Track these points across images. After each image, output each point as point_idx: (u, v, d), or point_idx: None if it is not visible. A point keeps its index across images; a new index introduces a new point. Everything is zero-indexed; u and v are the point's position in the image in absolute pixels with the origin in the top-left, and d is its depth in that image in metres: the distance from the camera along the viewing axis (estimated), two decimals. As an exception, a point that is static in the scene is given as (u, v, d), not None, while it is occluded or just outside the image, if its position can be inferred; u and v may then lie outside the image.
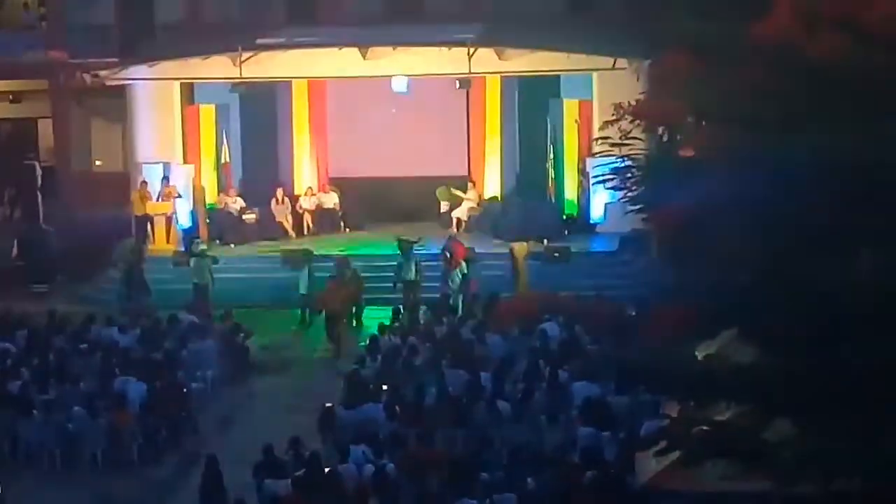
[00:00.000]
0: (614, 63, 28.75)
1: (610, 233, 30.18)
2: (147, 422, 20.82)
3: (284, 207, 32.63)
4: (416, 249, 27.97)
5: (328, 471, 17.26)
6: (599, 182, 14.45)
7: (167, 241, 31.49)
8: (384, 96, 31.93)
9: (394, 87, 30.98)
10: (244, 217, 32.35)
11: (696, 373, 12.76)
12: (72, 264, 31.34)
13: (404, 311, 25.46)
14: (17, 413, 20.78)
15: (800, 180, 11.65)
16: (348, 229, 33.26)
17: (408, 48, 30.75)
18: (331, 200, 33.36)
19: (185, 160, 32.91)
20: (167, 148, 32.63)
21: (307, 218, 32.92)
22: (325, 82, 33.53)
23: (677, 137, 13.44)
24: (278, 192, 32.71)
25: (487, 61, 30.27)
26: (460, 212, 32.64)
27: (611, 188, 14.07)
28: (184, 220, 32.11)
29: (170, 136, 32.73)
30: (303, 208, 33.01)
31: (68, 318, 25.16)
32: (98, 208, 33.10)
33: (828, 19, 11.98)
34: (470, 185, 33.12)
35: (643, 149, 13.66)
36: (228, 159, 33.54)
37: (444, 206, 33.30)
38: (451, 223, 32.39)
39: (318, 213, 33.09)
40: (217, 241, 31.28)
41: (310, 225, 32.89)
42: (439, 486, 16.67)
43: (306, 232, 32.71)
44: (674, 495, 13.90)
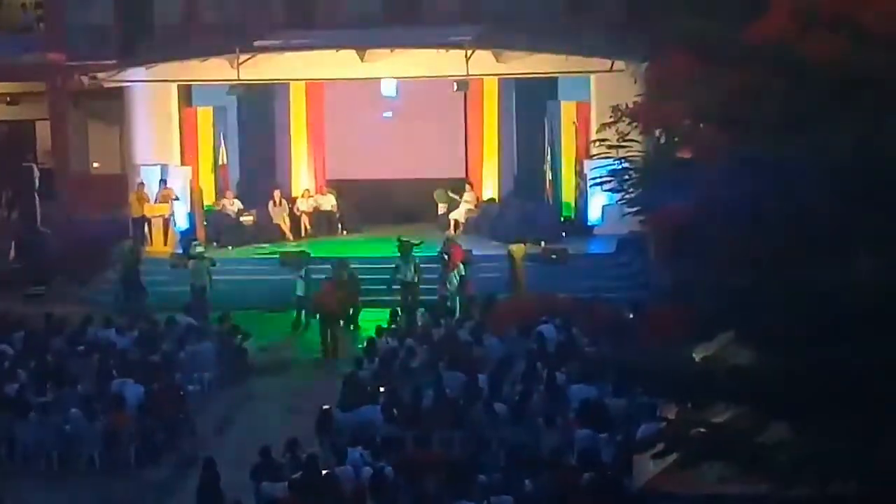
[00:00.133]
0: (612, 65, 28.76)
1: (607, 235, 30.13)
2: (144, 424, 20.75)
3: (282, 209, 32.59)
4: (414, 251, 27.96)
5: (325, 473, 17.21)
6: (597, 184, 14.50)
7: (164, 244, 31.46)
8: (381, 98, 31.94)
9: (383, 91, 30.97)
10: (242, 219, 32.33)
11: (694, 375, 12.74)
12: (69, 266, 31.31)
13: (402, 313, 25.44)
14: (14, 415, 20.72)
15: (799, 181, 11.63)
16: (346, 231, 33.25)
17: (405, 50, 30.77)
18: (328, 202, 33.32)
19: (183, 162, 32.91)
20: (165, 150, 32.62)
21: (304, 220, 32.91)
22: (323, 84, 33.52)
23: (675, 139, 13.43)
24: (276, 194, 32.67)
25: (485, 63, 30.27)
26: (458, 214, 32.61)
27: (608, 190, 14.09)
28: (181, 222, 32.09)
29: (167, 138, 32.73)
30: (300, 210, 32.99)
31: (66, 319, 25.11)
32: (96, 210, 33.06)
33: (825, 19, 11.97)
34: (468, 186, 33.08)
35: (641, 151, 13.67)
36: (226, 161, 33.53)
37: (442, 208, 33.29)
38: (449, 225, 32.38)
39: (316, 215, 33.06)
40: (214, 244, 31.23)
41: (307, 227, 32.87)
42: (437, 489, 16.63)
43: (304, 234, 32.71)
44: (671, 497, 13.88)
